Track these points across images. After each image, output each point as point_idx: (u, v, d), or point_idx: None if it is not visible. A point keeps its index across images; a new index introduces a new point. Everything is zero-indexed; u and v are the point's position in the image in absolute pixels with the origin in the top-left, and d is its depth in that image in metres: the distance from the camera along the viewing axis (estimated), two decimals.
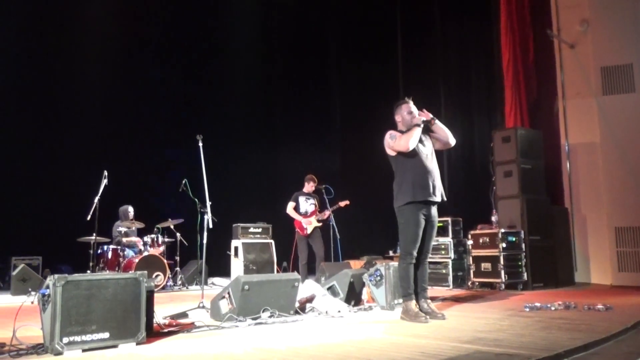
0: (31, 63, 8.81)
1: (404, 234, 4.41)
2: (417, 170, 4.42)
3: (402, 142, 4.39)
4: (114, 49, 9.65)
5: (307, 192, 7.99)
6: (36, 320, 3.38)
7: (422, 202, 4.40)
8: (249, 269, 8.79)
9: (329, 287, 5.21)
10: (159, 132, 9.86)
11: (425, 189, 4.38)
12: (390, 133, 4.54)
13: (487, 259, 7.08)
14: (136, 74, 9.81)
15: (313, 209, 7.90)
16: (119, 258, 7.74)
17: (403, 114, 4.62)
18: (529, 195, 7.34)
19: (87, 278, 3.23)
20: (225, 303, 4.29)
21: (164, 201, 8.70)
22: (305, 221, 7.73)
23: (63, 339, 3.04)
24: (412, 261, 4.37)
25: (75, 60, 9.27)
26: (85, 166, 8.52)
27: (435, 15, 10.53)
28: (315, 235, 7.70)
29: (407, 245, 4.38)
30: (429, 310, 4.39)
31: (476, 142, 9.71)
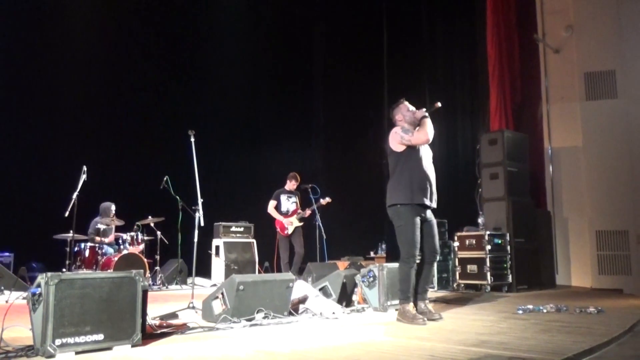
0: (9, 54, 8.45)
1: (404, 236, 4.33)
2: (418, 173, 4.38)
3: (422, 135, 4.33)
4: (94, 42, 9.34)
5: (289, 190, 7.91)
6: (21, 320, 3.19)
7: (419, 204, 4.35)
8: (230, 269, 8.63)
9: (321, 287, 5.12)
10: (141, 128, 9.58)
11: (424, 192, 4.36)
12: (402, 127, 4.45)
13: (473, 260, 7.09)
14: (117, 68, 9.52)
15: (294, 207, 7.81)
16: (97, 256, 7.46)
17: (403, 112, 4.59)
18: (514, 197, 7.39)
19: (82, 277, 3.05)
20: (219, 303, 4.15)
21: (144, 198, 8.44)
22: (287, 221, 7.65)
23: (55, 341, 2.87)
24: (414, 264, 4.29)
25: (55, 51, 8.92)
26: (63, 160, 8.23)
27: (422, 17, 10.56)
28: (296, 234, 7.64)
29: (409, 247, 4.30)
30: (426, 310, 4.34)
31: (460, 143, 9.76)
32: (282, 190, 7.91)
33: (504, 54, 8.92)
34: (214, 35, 10.79)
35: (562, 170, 8.44)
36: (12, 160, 8.39)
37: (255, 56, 11.41)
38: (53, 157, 8.59)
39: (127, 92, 9.65)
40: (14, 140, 8.47)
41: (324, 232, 7.60)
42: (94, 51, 9.34)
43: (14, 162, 8.39)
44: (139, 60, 9.78)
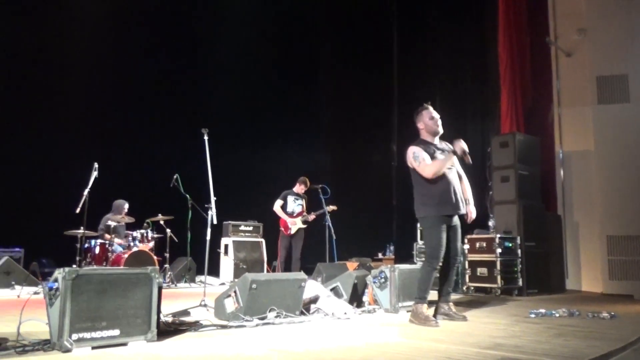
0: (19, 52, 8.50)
1: (430, 240, 4.35)
2: (441, 184, 4.35)
3: (427, 171, 4.31)
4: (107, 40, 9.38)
5: (297, 192, 7.96)
6: (36, 314, 3.20)
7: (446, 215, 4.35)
8: (238, 268, 8.65)
9: (332, 288, 5.11)
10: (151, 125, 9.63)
11: (450, 203, 4.35)
12: (414, 152, 4.39)
13: (483, 263, 7.06)
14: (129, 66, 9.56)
15: (300, 209, 7.87)
16: (107, 253, 7.50)
17: (425, 120, 4.52)
18: (525, 201, 7.36)
19: (99, 272, 3.07)
20: (231, 302, 4.15)
21: (154, 196, 8.46)
22: (291, 221, 7.71)
23: (72, 336, 2.88)
24: (437, 266, 4.31)
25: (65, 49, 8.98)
26: (74, 157, 8.25)
27: (432, 18, 10.53)
28: (298, 236, 7.72)
29: (433, 251, 4.31)
30: (450, 312, 4.36)
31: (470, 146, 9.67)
32: (290, 192, 7.98)
33: (515, 57, 8.89)
34: (223, 35, 10.81)
35: (573, 174, 8.40)
36: (23, 157, 8.44)
37: (264, 56, 11.42)
38: (64, 153, 8.63)
39: (137, 89, 9.68)
40: (25, 137, 8.52)
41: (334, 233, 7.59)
42: (105, 49, 9.37)
43: (25, 158, 8.44)
44: (150, 58, 9.81)
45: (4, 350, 2.87)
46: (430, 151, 4.40)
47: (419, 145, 4.44)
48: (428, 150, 4.40)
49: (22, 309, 3.09)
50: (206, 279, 5.24)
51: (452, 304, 4.49)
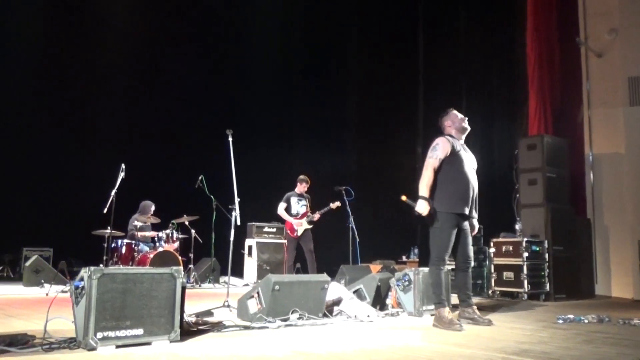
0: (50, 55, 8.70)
1: (437, 239, 4.29)
2: (460, 182, 4.33)
3: (426, 167, 4.35)
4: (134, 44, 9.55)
5: (299, 193, 7.93)
6: (62, 312, 3.25)
7: (458, 214, 4.29)
8: (262, 269, 8.69)
9: (355, 290, 5.08)
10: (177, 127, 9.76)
11: (465, 202, 4.31)
12: (438, 144, 4.38)
13: (509, 267, 6.94)
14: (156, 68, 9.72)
15: (304, 210, 7.84)
16: (134, 253, 7.61)
17: (453, 118, 4.53)
18: (553, 204, 7.21)
19: (123, 271, 3.10)
20: (254, 303, 4.16)
21: (179, 197, 8.56)
22: (296, 223, 7.67)
23: (97, 334, 2.91)
24: (444, 267, 4.27)
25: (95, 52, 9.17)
26: (102, 158, 8.41)
27: (459, 18, 10.40)
28: (306, 237, 7.66)
29: (439, 251, 4.27)
30: (474, 316, 4.30)
31: (496, 148, 9.57)
32: (292, 193, 7.95)
33: (544, 57, 8.72)
34: (248, 36, 10.90)
35: (603, 177, 8.19)
36: (53, 159, 8.64)
37: (290, 57, 11.47)
38: (92, 155, 8.81)
39: (164, 91, 9.84)
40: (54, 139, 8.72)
41: (357, 235, 7.56)
42: (133, 52, 9.55)
43: (54, 160, 8.64)
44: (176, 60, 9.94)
45: (32, 347, 2.92)
46: (457, 147, 4.38)
47: (447, 138, 4.40)
48: (455, 145, 4.37)
49: (49, 307, 3.14)
50: (229, 280, 5.27)
51: (475, 308, 4.42)
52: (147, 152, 9.20)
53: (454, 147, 4.36)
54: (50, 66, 8.79)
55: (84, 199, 8.04)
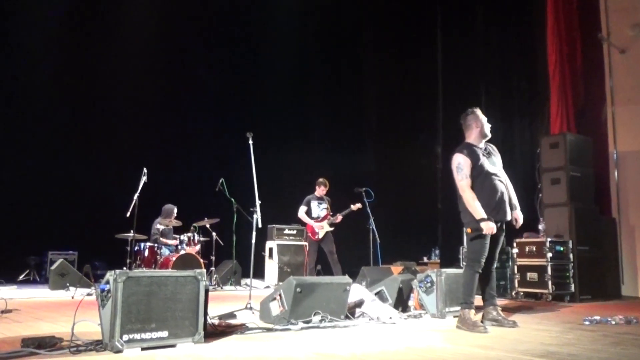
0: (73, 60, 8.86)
1: (475, 244, 4.25)
2: (488, 191, 4.26)
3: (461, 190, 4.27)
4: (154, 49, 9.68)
5: (319, 196, 7.94)
6: (88, 315, 3.30)
7: None
8: (283, 271, 8.71)
9: (377, 292, 5.06)
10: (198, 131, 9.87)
11: (496, 211, 4.25)
12: (459, 163, 4.29)
13: (533, 268, 6.84)
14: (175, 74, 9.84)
15: (325, 213, 7.83)
16: (156, 256, 7.69)
17: (481, 121, 4.45)
18: (577, 203, 7.09)
19: (148, 275, 3.13)
20: (276, 305, 4.17)
21: (200, 200, 8.65)
22: (317, 226, 7.67)
23: (123, 337, 2.95)
24: (479, 270, 4.22)
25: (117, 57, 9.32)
26: (124, 163, 8.53)
27: (477, 16, 10.29)
28: (327, 239, 7.67)
29: (475, 255, 4.24)
30: (499, 317, 4.26)
31: (517, 147, 9.45)
32: (312, 197, 7.96)
33: (565, 54, 8.58)
34: (267, 41, 10.96)
35: (628, 176, 8.03)
36: (77, 163, 8.79)
37: (307, 61, 11.50)
38: (115, 160, 8.94)
39: (184, 97, 9.95)
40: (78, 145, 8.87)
41: (378, 237, 7.54)
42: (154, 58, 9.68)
43: (79, 165, 8.79)
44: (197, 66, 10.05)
45: (60, 349, 2.97)
46: (477, 157, 4.30)
47: (465, 152, 4.33)
48: (474, 156, 4.30)
49: (75, 310, 3.19)
50: (251, 282, 5.29)
51: (500, 309, 4.38)
52: (168, 156, 9.32)
53: (475, 159, 4.29)
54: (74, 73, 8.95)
55: (108, 203, 8.17)
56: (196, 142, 9.82)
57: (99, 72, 9.19)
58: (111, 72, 9.30)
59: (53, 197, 8.57)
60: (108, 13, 9.32)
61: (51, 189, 8.59)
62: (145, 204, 7.25)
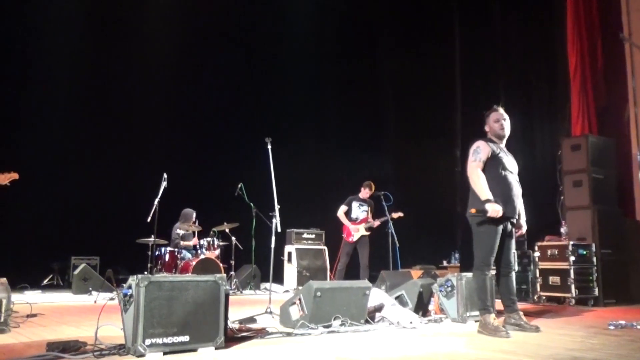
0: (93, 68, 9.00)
1: (482, 244, 4.20)
2: (503, 185, 4.23)
3: (471, 172, 4.23)
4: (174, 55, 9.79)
5: (362, 198, 7.85)
6: (110, 319, 3.34)
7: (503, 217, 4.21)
8: (302, 275, 8.72)
9: (397, 296, 5.04)
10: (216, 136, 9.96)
11: (509, 205, 4.20)
12: (479, 146, 4.27)
13: (555, 272, 6.75)
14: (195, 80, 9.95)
15: (365, 216, 7.74)
16: (177, 260, 7.76)
17: (490, 122, 4.43)
18: (600, 206, 6.99)
19: (169, 279, 3.16)
20: (296, 309, 4.18)
21: (219, 204, 8.71)
22: (354, 228, 7.60)
23: (145, 341, 2.98)
24: (489, 272, 4.17)
25: (137, 63, 9.44)
26: (145, 168, 8.63)
27: (495, 16, 10.21)
28: (362, 243, 7.57)
29: (485, 255, 4.18)
30: (520, 322, 4.20)
31: (538, 149, 9.34)
32: (354, 197, 7.88)
33: (586, 54, 8.46)
34: (283, 45, 11.00)
35: None
36: (98, 169, 8.92)
37: (324, 63, 11.52)
38: (136, 165, 9.05)
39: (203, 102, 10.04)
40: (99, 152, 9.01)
41: (397, 240, 7.50)
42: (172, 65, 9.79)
43: (99, 171, 8.92)
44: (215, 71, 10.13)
45: (84, 353, 3.01)
46: (497, 150, 4.30)
47: (487, 141, 4.32)
48: (494, 149, 4.29)
49: (99, 314, 3.23)
50: (271, 287, 5.30)
51: (522, 314, 4.32)
52: (188, 161, 9.41)
53: (494, 150, 4.29)
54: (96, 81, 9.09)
55: (129, 208, 8.26)
56: (215, 148, 9.90)
57: (120, 80, 9.32)
58: (132, 80, 9.43)
59: (76, 203, 8.70)
60: (128, 20, 9.45)
61: (74, 195, 8.71)
62: (166, 209, 7.33)
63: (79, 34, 8.99)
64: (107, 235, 8.62)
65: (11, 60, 8.44)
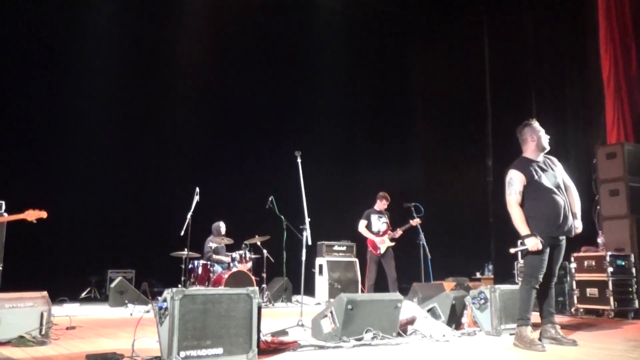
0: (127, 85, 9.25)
1: (533, 260, 4.14)
2: (549, 204, 4.13)
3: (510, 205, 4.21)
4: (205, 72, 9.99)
5: (379, 210, 7.81)
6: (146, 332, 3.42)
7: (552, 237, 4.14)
8: (333, 288, 8.72)
9: (430, 309, 5.00)
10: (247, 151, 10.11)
11: (556, 225, 4.11)
12: (512, 178, 4.22)
13: (593, 283, 6.58)
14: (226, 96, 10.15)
15: (385, 227, 7.69)
16: (209, 273, 7.86)
17: (539, 133, 4.32)
18: (638, 216, 6.80)
19: (203, 292, 3.23)
20: (328, 322, 4.19)
21: (251, 218, 8.81)
22: (379, 240, 7.54)
23: (180, 353, 3.04)
24: (536, 285, 4.10)
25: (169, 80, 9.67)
26: (178, 183, 8.81)
27: (525, 25, 10.09)
28: (388, 255, 7.49)
29: (532, 271, 4.12)
30: (557, 336, 4.12)
31: (572, 158, 9.15)
32: (372, 210, 7.83)
33: (620, 61, 8.28)
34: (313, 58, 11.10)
35: None
36: (133, 185, 9.14)
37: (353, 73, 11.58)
38: (169, 180, 9.25)
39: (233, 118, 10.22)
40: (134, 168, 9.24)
41: (429, 252, 7.43)
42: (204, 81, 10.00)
43: (134, 187, 9.14)
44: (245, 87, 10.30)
45: None
46: (531, 173, 4.19)
47: (519, 168, 4.24)
48: (529, 172, 4.19)
49: (135, 327, 3.31)
50: (302, 299, 5.32)
51: (559, 327, 4.23)
52: (219, 175, 9.55)
53: (529, 174, 4.19)
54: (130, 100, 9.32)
55: (163, 222, 8.43)
56: (246, 162, 10.05)
57: (155, 98, 9.55)
58: (166, 98, 9.66)
59: (112, 217, 8.92)
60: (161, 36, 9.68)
61: (110, 210, 8.93)
62: (198, 222, 7.47)
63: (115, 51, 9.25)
64: (142, 249, 8.80)
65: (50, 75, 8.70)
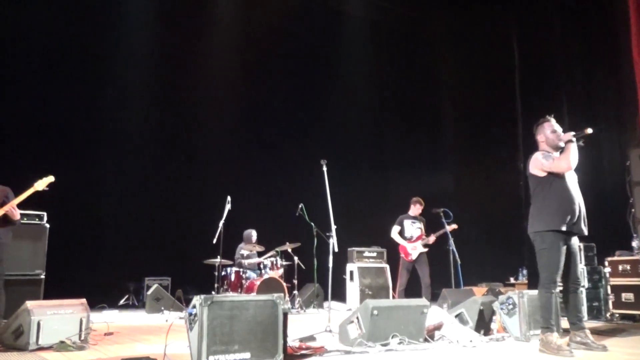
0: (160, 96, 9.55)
1: (547, 261, 4.13)
2: (565, 198, 4.15)
3: (563, 163, 4.12)
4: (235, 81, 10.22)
5: (413, 215, 7.79)
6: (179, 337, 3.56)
7: (566, 232, 4.12)
8: (364, 294, 8.76)
9: (457, 314, 5.01)
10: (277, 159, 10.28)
11: (571, 219, 4.11)
12: (543, 153, 4.27)
13: (628, 288, 6.46)
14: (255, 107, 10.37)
15: (419, 233, 7.64)
16: (242, 280, 8.02)
17: (546, 132, 4.36)
18: None
19: (230, 299, 3.35)
20: (354, 328, 4.26)
21: (281, 225, 8.95)
22: (411, 246, 7.52)
23: (209, 358, 3.17)
24: (555, 290, 4.09)
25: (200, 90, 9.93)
26: (210, 192, 9.02)
27: (555, 27, 9.96)
28: (421, 261, 7.45)
29: (550, 273, 4.10)
30: (586, 341, 4.09)
31: (606, 160, 8.97)
32: (406, 216, 7.82)
33: None
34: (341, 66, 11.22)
35: None
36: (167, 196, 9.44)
37: (381, 80, 11.65)
38: (202, 189, 9.50)
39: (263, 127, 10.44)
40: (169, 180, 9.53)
41: (459, 257, 7.41)
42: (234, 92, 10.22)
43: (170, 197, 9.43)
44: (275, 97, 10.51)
45: None
46: None
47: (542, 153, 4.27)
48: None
49: (167, 333, 3.46)
50: (330, 305, 5.41)
51: (588, 332, 4.19)
52: (250, 184, 9.75)
53: None
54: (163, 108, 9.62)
55: (197, 230, 8.64)
56: (276, 170, 10.22)
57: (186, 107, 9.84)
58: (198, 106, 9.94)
59: (148, 227, 9.21)
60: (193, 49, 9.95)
61: (147, 221, 9.23)
62: (230, 230, 7.65)
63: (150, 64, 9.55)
64: (177, 257, 9.04)
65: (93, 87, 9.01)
